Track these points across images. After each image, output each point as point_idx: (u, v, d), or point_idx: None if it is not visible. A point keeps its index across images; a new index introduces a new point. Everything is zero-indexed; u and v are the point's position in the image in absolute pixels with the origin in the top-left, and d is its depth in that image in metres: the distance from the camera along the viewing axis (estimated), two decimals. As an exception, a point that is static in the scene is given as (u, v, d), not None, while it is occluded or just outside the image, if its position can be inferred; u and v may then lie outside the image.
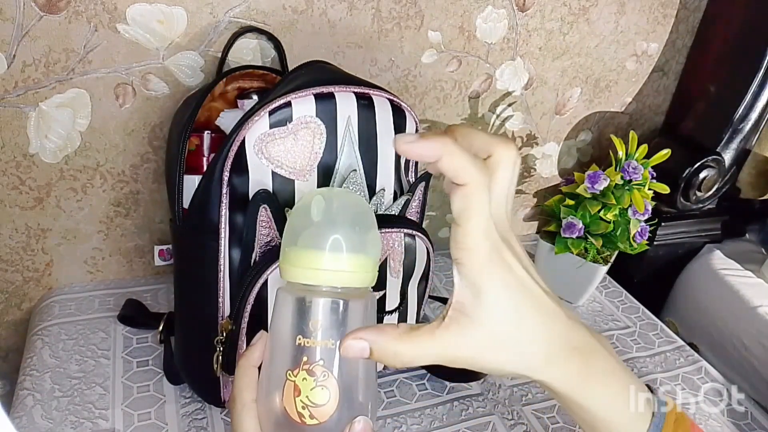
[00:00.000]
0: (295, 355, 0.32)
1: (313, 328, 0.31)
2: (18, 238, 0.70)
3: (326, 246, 0.32)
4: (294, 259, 0.32)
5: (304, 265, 0.32)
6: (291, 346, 0.32)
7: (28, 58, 0.60)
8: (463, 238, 0.27)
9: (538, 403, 0.69)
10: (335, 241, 0.32)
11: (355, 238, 0.33)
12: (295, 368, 0.31)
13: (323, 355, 0.32)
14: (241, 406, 0.33)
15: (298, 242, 0.32)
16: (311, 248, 0.32)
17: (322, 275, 0.32)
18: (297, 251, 0.32)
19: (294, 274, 0.32)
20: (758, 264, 1.00)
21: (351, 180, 0.51)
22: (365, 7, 0.70)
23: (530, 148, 0.95)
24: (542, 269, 0.89)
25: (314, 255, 0.32)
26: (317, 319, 0.32)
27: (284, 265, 0.33)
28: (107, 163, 0.69)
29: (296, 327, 0.32)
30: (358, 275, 0.33)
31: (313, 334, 0.31)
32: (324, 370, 0.31)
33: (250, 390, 0.33)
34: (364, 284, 0.33)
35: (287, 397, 0.31)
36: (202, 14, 0.64)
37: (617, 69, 0.93)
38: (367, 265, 0.33)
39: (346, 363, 0.32)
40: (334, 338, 0.32)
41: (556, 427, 0.66)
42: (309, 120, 0.49)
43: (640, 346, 0.81)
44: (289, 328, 0.32)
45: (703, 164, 0.94)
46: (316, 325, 0.32)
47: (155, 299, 0.76)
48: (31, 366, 0.63)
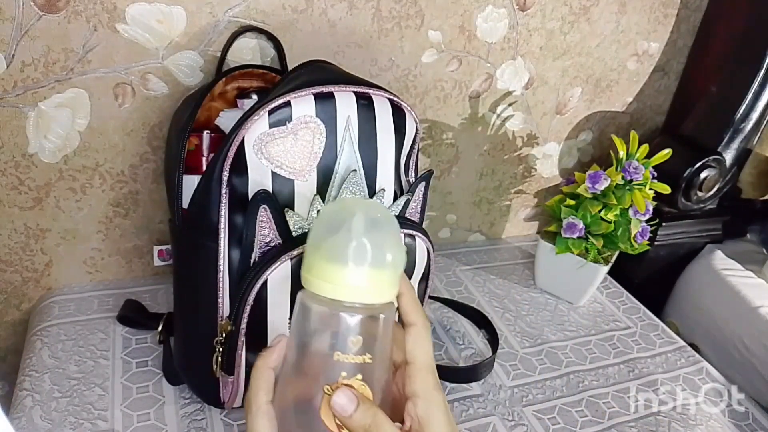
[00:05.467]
0: (333, 371, 0.32)
1: (353, 344, 0.32)
2: (17, 239, 0.70)
3: (368, 263, 0.31)
4: (332, 275, 0.32)
5: (345, 282, 0.32)
6: (329, 361, 0.32)
7: (27, 58, 0.60)
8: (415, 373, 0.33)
9: (538, 404, 0.69)
10: (377, 259, 0.32)
11: (394, 254, 0.33)
12: (334, 383, 0.32)
13: (362, 371, 0.32)
14: (256, 407, 0.33)
15: (336, 258, 0.32)
16: (352, 265, 0.31)
17: (363, 293, 0.32)
18: (336, 267, 0.32)
19: (331, 290, 0.32)
20: (759, 264, 0.99)
21: (351, 180, 0.51)
22: (365, 7, 0.70)
23: (531, 148, 0.95)
24: (543, 269, 0.89)
25: (356, 272, 0.31)
26: (357, 337, 0.32)
27: (318, 280, 0.32)
28: (106, 163, 0.69)
29: (335, 343, 0.32)
30: (394, 290, 0.33)
31: (353, 350, 0.32)
32: (362, 384, 0.32)
33: (267, 392, 0.33)
34: (394, 297, 0.34)
35: (325, 411, 0.32)
36: (202, 14, 0.64)
37: (618, 69, 0.93)
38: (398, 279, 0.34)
39: (382, 378, 0.33)
40: (372, 353, 0.32)
41: (556, 428, 0.66)
42: (309, 120, 0.49)
43: (641, 346, 0.81)
44: (326, 343, 0.32)
45: (704, 164, 0.93)
46: (357, 342, 0.32)
47: (154, 299, 0.76)
48: (30, 366, 0.63)
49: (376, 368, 0.33)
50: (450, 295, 0.86)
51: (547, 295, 0.90)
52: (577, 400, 0.70)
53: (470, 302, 0.84)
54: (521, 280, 0.92)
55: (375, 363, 0.32)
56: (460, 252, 0.98)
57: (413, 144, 0.58)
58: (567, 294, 0.89)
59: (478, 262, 0.96)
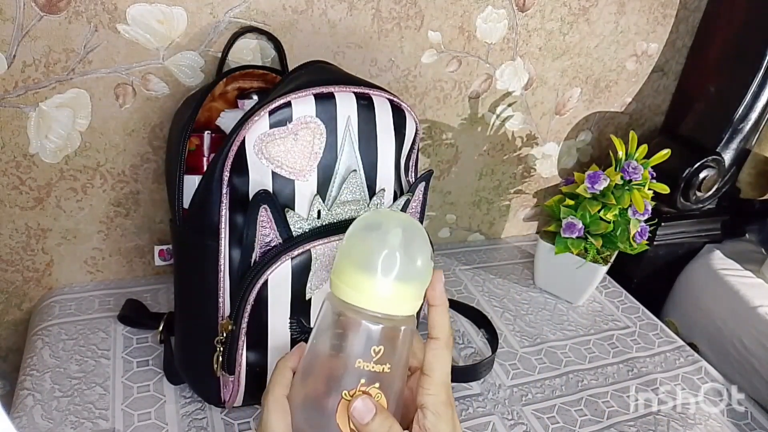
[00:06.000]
0: (353, 377, 0.33)
1: (375, 353, 0.32)
2: (18, 238, 0.70)
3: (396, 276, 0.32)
4: (360, 283, 0.32)
5: (372, 292, 0.32)
6: (350, 367, 0.33)
7: (28, 58, 0.60)
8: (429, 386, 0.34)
9: (537, 403, 0.69)
10: (405, 272, 0.32)
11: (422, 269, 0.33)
12: (352, 389, 0.32)
13: (380, 380, 0.33)
14: (273, 399, 0.34)
15: (366, 267, 0.32)
16: (381, 276, 0.32)
17: (390, 304, 0.32)
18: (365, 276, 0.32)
19: (358, 298, 0.32)
20: (758, 264, 1.00)
21: (351, 180, 0.51)
22: (365, 8, 0.70)
23: (530, 148, 0.95)
24: (542, 269, 0.89)
25: (384, 283, 0.32)
26: (380, 346, 0.32)
27: (346, 286, 0.33)
28: (107, 163, 0.69)
29: (357, 350, 0.33)
30: (418, 303, 0.34)
31: (374, 359, 0.32)
32: (378, 392, 0.33)
33: (284, 387, 0.35)
34: (417, 310, 0.35)
35: (341, 414, 0.32)
36: (202, 14, 0.64)
37: (617, 69, 0.93)
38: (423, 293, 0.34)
39: (398, 388, 0.34)
40: (391, 363, 0.33)
41: (556, 427, 0.66)
42: (309, 120, 0.49)
43: (640, 346, 0.82)
44: (348, 349, 0.33)
45: (703, 164, 0.94)
46: (379, 351, 0.32)
47: (155, 299, 0.76)
48: (31, 366, 0.63)
49: (393, 378, 0.33)
50: (450, 294, 0.86)
51: (547, 295, 0.90)
52: (576, 399, 0.70)
53: (470, 302, 0.84)
54: (520, 279, 0.93)
55: (393, 373, 0.33)
56: (460, 252, 0.98)
57: (413, 144, 0.58)
58: (566, 293, 0.89)
59: (477, 261, 0.96)
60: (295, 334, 0.53)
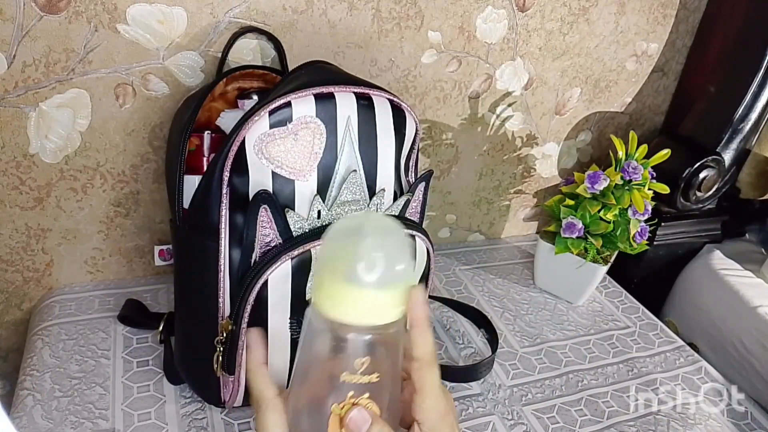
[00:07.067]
0: (341, 390, 0.32)
1: (360, 365, 0.31)
2: (18, 238, 0.70)
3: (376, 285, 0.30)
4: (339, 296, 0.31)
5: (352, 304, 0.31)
6: (336, 381, 0.32)
7: (28, 58, 0.60)
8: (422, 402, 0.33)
9: (537, 403, 0.69)
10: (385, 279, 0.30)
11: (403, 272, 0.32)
12: (341, 402, 0.32)
13: (370, 390, 0.32)
14: (265, 404, 0.34)
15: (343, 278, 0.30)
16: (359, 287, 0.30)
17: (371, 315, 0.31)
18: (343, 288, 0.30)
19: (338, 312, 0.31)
20: (758, 264, 1.00)
21: (351, 180, 0.51)
22: (365, 8, 0.70)
23: (530, 148, 0.95)
24: (542, 269, 0.89)
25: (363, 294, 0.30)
26: (366, 357, 0.31)
27: (326, 300, 0.31)
28: (107, 163, 0.69)
29: (342, 363, 0.31)
30: (403, 306, 0.32)
31: (360, 370, 0.31)
32: (369, 402, 0.32)
33: (269, 387, 0.34)
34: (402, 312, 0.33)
35: (333, 426, 0.32)
36: (202, 14, 0.64)
37: (617, 69, 0.93)
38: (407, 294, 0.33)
39: (390, 396, 0.33)
40: (379, 371, 0.32)
41: (555, 427, 0.66)
42: (309, 120, 0.49)
43: (640, 346, 0.82)
44: (333, 363, 0.32)
45: (703, 164, 0.94)
46: (365, 363, 0.31)
47: (155, 299, 0.76)
48: (31, 366, 0.63)
49: (383, 385, 0.32)
50: (450, 294, 0.86)
51: (547, 295, 0.90)
52: (576, 399, 0.70)
53: (470, 302, 0.84)
54: (520, 279, 0.93)
55: (382, 380, 0.32)
56: (460, 252, 0.98)
57: (413, 144, 0.58)
58: (566, 293, 0.89)
59: (477, 261, 0.96)
60: (295, 334, 0.53)
